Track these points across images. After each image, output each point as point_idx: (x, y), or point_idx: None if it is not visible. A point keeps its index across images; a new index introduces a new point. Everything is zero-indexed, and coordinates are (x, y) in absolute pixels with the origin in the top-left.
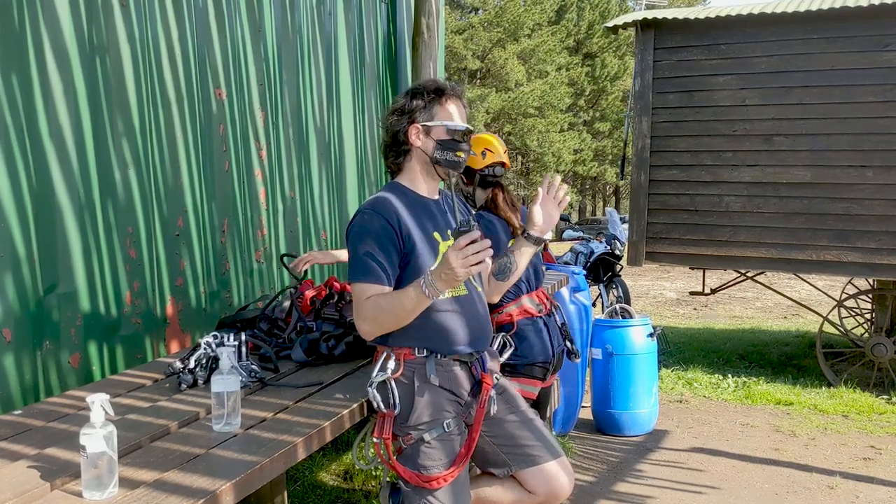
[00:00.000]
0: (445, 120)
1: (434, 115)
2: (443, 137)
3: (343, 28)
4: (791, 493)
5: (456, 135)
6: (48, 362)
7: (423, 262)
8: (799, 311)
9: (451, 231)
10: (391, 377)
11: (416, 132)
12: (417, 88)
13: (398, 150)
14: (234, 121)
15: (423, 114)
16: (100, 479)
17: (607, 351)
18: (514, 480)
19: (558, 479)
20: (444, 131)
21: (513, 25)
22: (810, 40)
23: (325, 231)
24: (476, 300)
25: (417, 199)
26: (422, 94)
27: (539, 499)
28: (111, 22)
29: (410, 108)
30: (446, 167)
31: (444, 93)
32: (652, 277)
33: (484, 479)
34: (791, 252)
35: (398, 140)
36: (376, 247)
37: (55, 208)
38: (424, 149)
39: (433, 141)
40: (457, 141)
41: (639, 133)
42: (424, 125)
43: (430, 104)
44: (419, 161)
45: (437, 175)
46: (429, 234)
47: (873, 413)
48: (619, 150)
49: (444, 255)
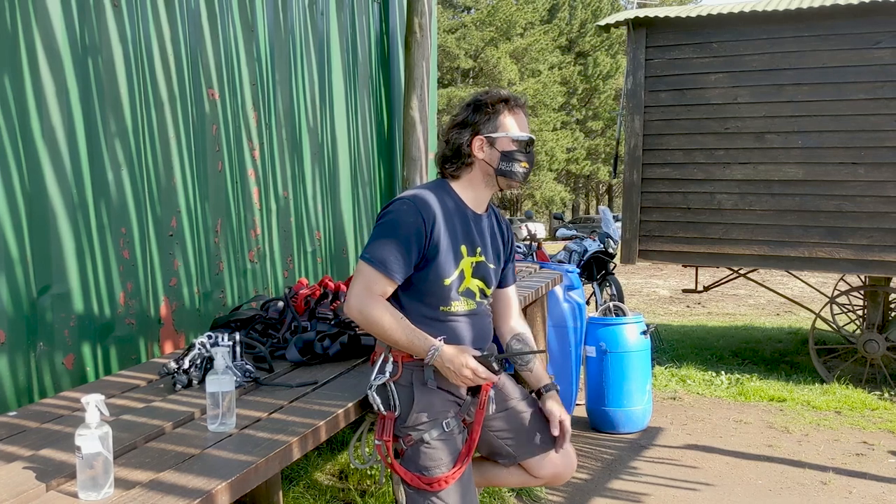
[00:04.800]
0: (510, 131)
1: (498, 126)
2: (507, 149)
3: (335, 28)
4: (785, 490)
5: (521, 145)
6: (42, 363)
7: (440, 271)
8: (792, 308)
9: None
10: (390, 380)
11: (481, 144)
12: (480, 100)
13: (460, 162)
14: (227, 121)
15: (487, 125)
16: (95, 480)
17: (601, 349)
18: (518, 465)
19: (560, 463)
20: (510, 142)
21: (505, 24)
22: (802, 38)
23: (319, 231)
24: (481, 315)
25: (461, 208)
26: (485, 104)
27: (543, 481)
28: (103, 22)
29: (474, 121)
30: (509, 178)
31: (509, 103)
32: (645, 275)
33: (488, 462)
34: (783, 249)
35: (461, 152)
36: (402, 239)
37: (48, 209)
38: (489, 160)
39: (498, 152)
40: (522, 151)
41: (631, 131)
42: (489, 136)
43: (494, 115)
44: (482, 172)
45: (496, 185)
46: (456, 246)
47: (866, 409)
48: (612, 149)
49: (465, 357)
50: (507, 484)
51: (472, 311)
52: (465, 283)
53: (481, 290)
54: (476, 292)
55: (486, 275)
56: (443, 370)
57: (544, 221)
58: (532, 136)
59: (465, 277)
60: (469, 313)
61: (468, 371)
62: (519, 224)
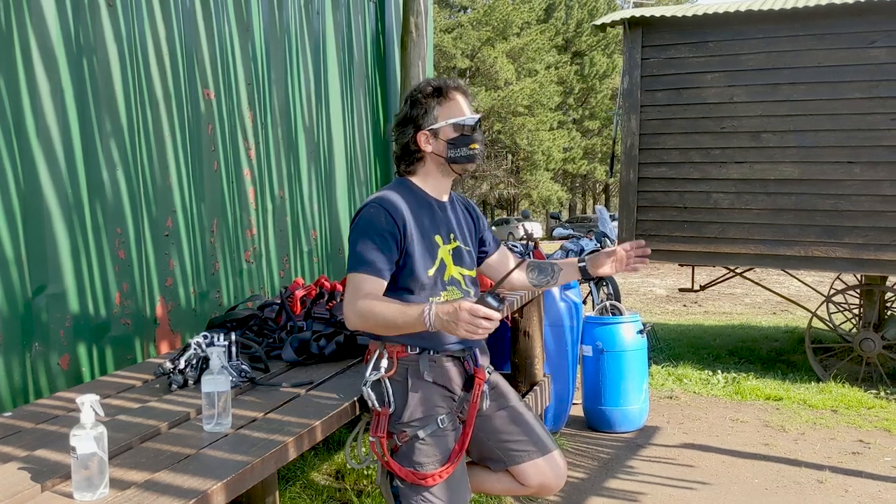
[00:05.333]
0: (450, 118)
1: (438, 116)
2: (451, 136)
3: (331, 27)
4: (781, 488)
5: (465, 129)
6: (37, 364)
7: (419, 264)
8: (788, 307)
9: (483, 294)
10: (385, 376)
11: (426, 137)
12: (414, 94)
13: (411, 158)
14: (223, 120)
15: (426, 118)
16: (90, 480)
17: (598, 348)
18: (507, 472)
19: (549, 474)
20: (451, 129)
21: (502, 24)
22: (797, 37)
23: (316, 230)
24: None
25: (425, 200)
26: (420, 98)
27: (531, 490)
28: (98, 21)
29: (414, 116)
30: (463, 163)
31: (442, 91)
32: (642, 274)
33: (478, 467)
34: (779, 248)
35: (410, 149)
36: (378, 241)
37: (43, 209)
38: (437, 151)
39: (443, 142)
40: (467, 135)
41: (627, 131)
42: (431, 129)
43: (430, 107)
44: (435, 163)
45: (453, 172)
46: (430, 237)
47: (862, 407)
48: (609, 148)
49: (457, 302)
50: (495, 491)
51: (457, 300)
52: (449, 271)
53: (465, 276)
54: (461, 280)
55: (465, 259)
56: (446, 327)
57: (541, 221)
58: (474, 116)
59: (447, 266)
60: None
61: (466, 314)
62: (515, 223)
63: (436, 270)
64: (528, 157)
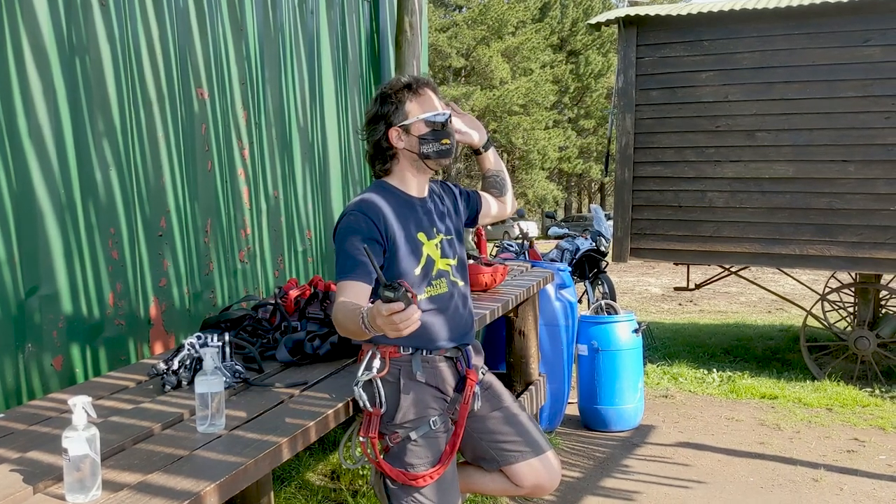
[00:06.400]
0: (421, 114)
1: (409, 112)
2: (423, 132)
3: (325, 26)
4: (776, 487)
5: (436, 125)
6: (30, 365)
7: (404, 264)
8: (783, 306)
9: (381, 288)
10: (377, 376)
11: (397, 134)
12: (385, 92)
13: (384, 156)
14: (217, 120)
15: (397, 115)
16: (83, 482)
17: (593, 347)
18: (501, 472)
19: (544, 474)
20: (422, 125)
21: (497, 23)
22: (792, 36)
23: (310, 230)
24: (456, 296)
25: (404, 199)
26: (390, 95)
27: (525, 490)
28: (91, 21)
29: (385, 113)
30: (437, 158)
31: (412, 87)
32: (637, 273)
33: (472, 467)
34: (774, 247)
35: (381, 147)
36: (362, 247)
37: (35, 209)
38: (410, 147)
39: (415, 138)
40: (438, 130)
41: (622, 130)
42: (402, 125)
43: (400, 103)
44: (408, 160)
45: (428, 168)
46: (412, 236)
47: (857, 406)
48: (604, 147)
49: (375, 307)
50: (488, 491)
51: (443, 294)
52: (436, 265)
53: (452, 266)
54: (449, 270)
55: (453, 248)
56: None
57: (536, 220)
58: (447, 112)
59: (435, 260)
60: (440, 295)
61: (380, 318)
62: (511, 223)
63: (422, 267)
64: (524, 156)
